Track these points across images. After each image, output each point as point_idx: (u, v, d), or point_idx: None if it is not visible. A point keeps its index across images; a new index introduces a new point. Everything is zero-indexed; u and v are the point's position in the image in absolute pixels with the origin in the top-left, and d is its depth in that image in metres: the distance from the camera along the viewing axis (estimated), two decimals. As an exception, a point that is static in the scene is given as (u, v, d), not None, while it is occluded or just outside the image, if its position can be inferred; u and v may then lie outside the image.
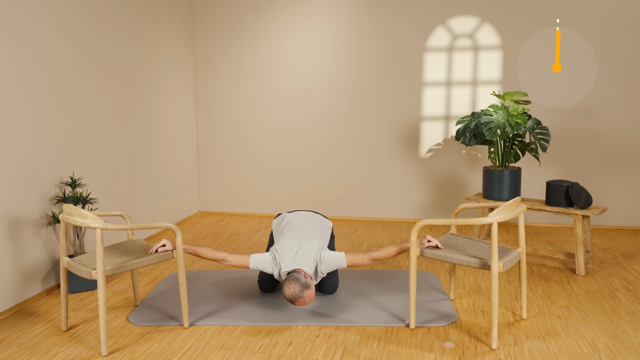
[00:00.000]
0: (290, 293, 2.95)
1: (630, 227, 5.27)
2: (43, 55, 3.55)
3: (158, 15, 5.09)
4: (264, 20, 5.69)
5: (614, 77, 5.12)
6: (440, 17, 5.34)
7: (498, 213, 2.77)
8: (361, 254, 3.17)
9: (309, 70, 5.67)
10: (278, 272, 3.17)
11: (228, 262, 3.16)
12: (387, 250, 3.13)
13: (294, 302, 2.97)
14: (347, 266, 3.18)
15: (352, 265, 3.19)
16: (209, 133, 5.98)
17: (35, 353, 2.77)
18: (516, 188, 4.22)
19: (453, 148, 5.49)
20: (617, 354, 2.70)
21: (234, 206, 6.03)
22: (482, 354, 2.72)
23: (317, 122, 5.72)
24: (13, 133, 3.30)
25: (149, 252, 2.98)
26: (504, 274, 3.94)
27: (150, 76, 4.97)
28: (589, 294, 3.52)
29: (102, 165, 4.24)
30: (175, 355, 2.73)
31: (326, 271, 3.20)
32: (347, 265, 3.18)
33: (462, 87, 5.40)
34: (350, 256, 3.17)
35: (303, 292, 2.95)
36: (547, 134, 4.21)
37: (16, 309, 3.34)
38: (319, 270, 3.19)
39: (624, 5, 5.03)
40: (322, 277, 3.27)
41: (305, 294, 2.96)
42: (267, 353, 2.75)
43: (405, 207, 5.66)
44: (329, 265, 3.17)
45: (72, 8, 3.83)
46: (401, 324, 3.05)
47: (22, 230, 3.38)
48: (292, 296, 2.96)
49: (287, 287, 2.97)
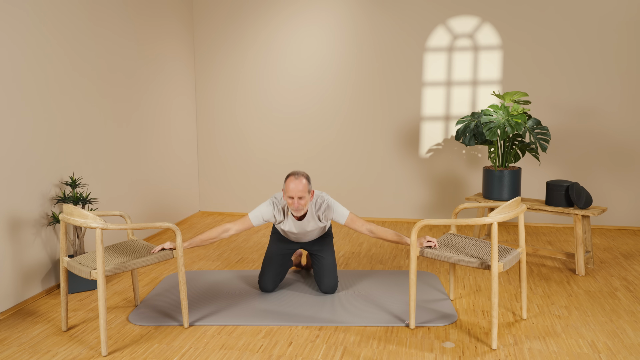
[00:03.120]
0: (293, 170, 3.17)
1: (630, 227, 5.27)
2: (43, 56, 3.55)
3: (158, 16, 5.09)
4: (264, 21, 5.69)
5: (614, 77, 5.12)
6: (440, 17, 5.34)
7: (498, 213, 2.77)
8: (362, 221, 3.27)
9: (309, 70, 5.67)
10: (282, 213, 3.28)
11: (231, 231, 3.22)
12: (385, 233, 3.21)
13: (291, 174, 3.17)
14: (345, 222, 3.28)
15: (351, 225, 3.29)
16: (209, 133, 5.98)
17: (35, 353, 2.77)
18: (516, 188, 4.22)
19: (453, 148, 5.49)
20: (617, 354, 2.70)
21: (234, 206, 6.03)
22: (482, 354, 2.72)
23: (317, 122, 5.72)
24: (13, 133, 3.30)
25: (151, 252, 2.98)
26: (504, 274, 3.94)
27: (151, 76, 4.97)
28: (589, 294, 3.52)
29: (102, 165, 4.24)
30: (175, 355, 2.73)
31: (325, 215, 3.29)
32: (347, 221, 3.28)
33: (462, 87, 5.40)
34: (353, 217, 3.28)
35: (302, 175, 3.16)
36: (547, 134, 4.21)
37: (16, 309, 3.34)
38: (321, 210, 3.28)
39: (623, 5, 5.03)
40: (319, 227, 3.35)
41: (302, 175, 3.15)
42: (267, 353, 2.75)
43: (405, 207, 5.66)
44: (332, 208, 3.29)
45: (72, 10, 3.83)
46: (401, 324, 3.05)
47: (22, 230, 3.38)
48: (292, 171, 3.23)
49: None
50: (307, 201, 3.20)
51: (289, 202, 3.17)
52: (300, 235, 3.44)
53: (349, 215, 3.28)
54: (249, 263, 4.24)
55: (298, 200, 3.14)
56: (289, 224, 3.35)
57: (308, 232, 3.41)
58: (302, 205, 3.16)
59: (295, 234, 3.43)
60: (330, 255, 3.53)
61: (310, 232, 3.41)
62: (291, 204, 3.16)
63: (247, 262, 4.27)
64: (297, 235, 3.44)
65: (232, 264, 4.23)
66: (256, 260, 4.32)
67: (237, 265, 4.18)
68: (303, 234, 3.41)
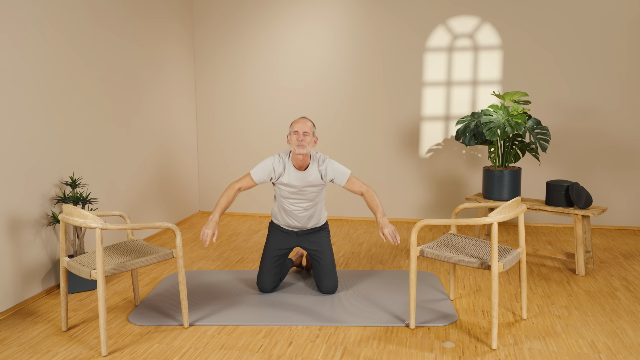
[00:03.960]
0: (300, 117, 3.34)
1: (630, 227, 5.27)
2: (43, 56, 3.55)
3: (158, 16, 5.09)
4: (264, 21, 5.69)
5: (614, 77, 5.12)
6: (440, 17, 5.34)
7: (498, 213, 2.77)
8: (360, 183, 3.40)
9: (309, 70, 5.67)
10: (283, 165, 3.35)
11: (242, 189, 3.39)
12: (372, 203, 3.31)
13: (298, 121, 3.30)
14: (346, 182, 3.40)
15: (350, 186, 3.40)
16: (209, 133, 5.98)
17: (35, 353, 2.77)
18: (516, 188, 4.22)
19: (453, 148, 5.49)
20: (617, 354, 2.70)
21: (234, 206, 6.03)
22: (482, 354, 2.72)
23: (317, 122, 5.72)
24: (13, 133, 3.30)
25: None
26: (504, 274, 3.94)
27: (150, 76, 4.97)
28: (589, 294, 3.52)
29: (102, 165, 4.24)
30: (175, 355, 2.73)
31: (327, 171, 3.36)
32: (347, 182, 3.40)
33: (462, 87, 5.40)
34: (353, 177, 3.41)
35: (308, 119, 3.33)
36: (547, 134, 4.21)
37: (16, 309, 3.34)
38: (323, 165, 3.37)
39: (623, 5, 5.03)
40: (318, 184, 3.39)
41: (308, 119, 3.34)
42: (267, 353, 2.75)
43: (405, 207, 5.66)
44: (334, 167, 3.37)
45: (72, 10, 3.83)
46: (401, 324, 3.05)
47: (22, 230, 3.38)
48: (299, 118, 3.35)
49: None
50: (311, 142, 3.30)
51: (293, 139, 3.28)
52: (298, 193, 3.39)
53: (350, 175, 3.40)
54: (249, 263, 4.24)
55: (303, 134, 3.26)
56: (289, 175, 3.36)
57: (307, 189, 3.38)
58: (306, 142, 3.26)
59: (295, 189, 3.38)
60: (329, 257, 3.53)
61: (309, 188, 3.38)
62: (295, 140, 3.26)
63: (247, 262, 4.28)
64: (296, 192, 3.39)
65: (232, 264, 4.23)
66: (256, 260, 4.32)
67: (237, 265, 4.18)
68: (302, 190, 3.38)
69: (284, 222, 3.55)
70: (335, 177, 3.39)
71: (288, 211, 3.47)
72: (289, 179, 3.36)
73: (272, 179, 3.40)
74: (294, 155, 3.33)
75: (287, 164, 3.36)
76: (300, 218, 3.48)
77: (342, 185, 3.41)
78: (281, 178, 3.37)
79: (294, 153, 3.30)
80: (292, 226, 3.53)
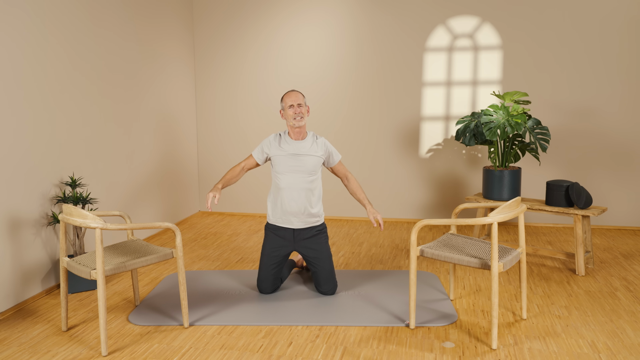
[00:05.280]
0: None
1: (630, 227, 5.27)
2: (43, 56, 3.55)
3: (158, 16, 5.09)
4: (264, 21, 5.69)
5: (614, 77, 5.12)
6: (440, 17, 5.35)
7: (498, 213, 2.77)
8: (345, 169, 3.61)
9: (309, 70, 5.67)
10: (279, 137, 3.46)
11: (245, 168, 3.52)
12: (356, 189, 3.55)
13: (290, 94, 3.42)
14: (336, 164, 3.56)
15: (338, 168, 3.59)
16: (209, 133, 5.98)
17: (35, 353, 2.77)
18: (516, 188, 4.22)
19: (453, 148, 5.49)
20: (617, 354, 2.70)
21: (234, 206, 6.03)
22: (482, 354, 2.72)
23: (317, 122, 5.72)
24: (13, 133, 3.30)
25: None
26: (504, 274, 3.94)
27: (151, 76, 4.97)
28: (589, 294, 3.52)
29: (102, 165, 4.24)
30: (175, 355, 2.73)
31: (323, 147, 3.48)
32: (337, 164, 3.57)
33: (462, 87, 5.40)
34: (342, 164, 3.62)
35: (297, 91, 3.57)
36: (547, 134, 4.21)
37: (16, 309, 3.34)
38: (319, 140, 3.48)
39: (623, 6, 5.03)
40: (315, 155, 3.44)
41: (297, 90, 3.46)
42: (267, 353, 2.75)
43: (405, 207, 5.66)
44: (327, 145, 3.51)
45: (72, 10, 3.83)
46: (401, 324, 3.05)
47: (22, 230, 3.38)
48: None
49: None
50: (305, 112, 3.42)
51: (289, 113, 3.39)
52: (296, 160, 3.40)
53: (340, 158, 3.60)
54: (249, 263, 4.24)
55: (298, 107, 3.38)
56: (286, 144, 3.44)
57: (305, 157, 3.41)
58: (302, 112, 3.38)
59: (292, 156, 3.40)
60: (327, 264, 3.46)
61: (307, 157, 3.41)
62: (292, 113, 3.37)
63: (247, 262, 4.28)
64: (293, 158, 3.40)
65: (232, 264, 4.23)
66: (256, 260, 4.32)
67: (237, 265, 4.18)
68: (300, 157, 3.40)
69: (281, 212, 3.42)
70: (330, 152, 3.52)
71: (285, 190, 3.38)
72: (286, 147, 3.44)
73: (269, 154, 3.47)
74: (291, 129, 3.45)
75: (284, 136, 3.49)
76: (299, 200, 3.37)
77: (332, 164, 3.56)
78: (278, 148, 3.45)
79: (292, 127, 3.42)
80: (291, 213, 3.39)
